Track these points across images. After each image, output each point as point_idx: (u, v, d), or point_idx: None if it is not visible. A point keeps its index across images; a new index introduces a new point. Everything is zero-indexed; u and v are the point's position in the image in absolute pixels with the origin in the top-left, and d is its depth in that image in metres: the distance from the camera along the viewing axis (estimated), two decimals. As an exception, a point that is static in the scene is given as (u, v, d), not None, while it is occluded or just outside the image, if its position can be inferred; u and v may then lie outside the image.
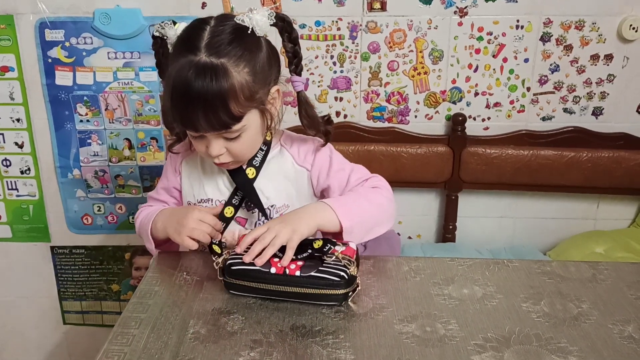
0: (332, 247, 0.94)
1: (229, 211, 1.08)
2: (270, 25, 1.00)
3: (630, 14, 1.62)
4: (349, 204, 1.03)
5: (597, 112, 1.73)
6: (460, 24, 1.65)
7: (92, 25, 1.65)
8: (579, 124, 1.72)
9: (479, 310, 0.89)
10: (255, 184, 1.09)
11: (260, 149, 1.09)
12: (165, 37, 1.02)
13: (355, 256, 0.95)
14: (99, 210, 1.85)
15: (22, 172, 1.82)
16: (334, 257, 0.92)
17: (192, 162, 1.15)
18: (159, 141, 1.76)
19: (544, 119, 1.74)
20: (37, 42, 1.67)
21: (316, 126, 1.08)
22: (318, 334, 0.83)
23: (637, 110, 1.73)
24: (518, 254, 1.73)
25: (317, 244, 0.94)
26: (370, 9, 1.64)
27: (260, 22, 0.97)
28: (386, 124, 1.75)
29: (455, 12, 1.64)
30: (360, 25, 1.66)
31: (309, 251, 0.93)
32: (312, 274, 0.89)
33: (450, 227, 1.80)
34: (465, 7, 1.63)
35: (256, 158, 1.09)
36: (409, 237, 1.88)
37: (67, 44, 1.67)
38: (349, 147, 1.69)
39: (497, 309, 0.90)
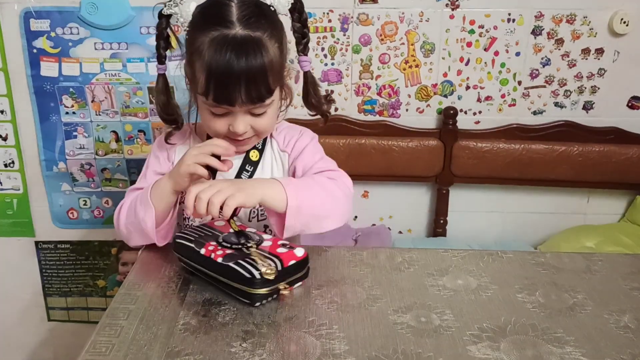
0: (265, 242, 0.90)
1: (254, 155, 1.08)
2: (289, 5, 1.00)
3: (621, 8, 1.62)
4: (300, 185, 0.99)
5: (587, 107, 1.73)
6: (451, 16, 1.64)
7: (79, 15, 1.61)
8: (569, 118, 1.73)
9: (473, 301, 0.88)
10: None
11: None
12: (174, 15, 0.99)
13: (296, 263, 0.88)
14: (84, 205, 1.82)
15: (5, 165, 1.78)
16: (264, 253, 0.87)
17: (184, 150, 1.13)
18: (147, 134, 1.73)
19: (535, 113, 1.74)
20: (22, 32, 1.63)
21: (320, 106, 1.09)
22: (311, 325, 0.81)
23: (627, 105, 1.73)
24: (509, 248, 1.69)
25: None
26: (362, 1, 1.62)
27: (282, 1, 0.98)
28: (377, 117, 1.74)
29: (447, 5, 1.63)
30: (352, 17, 1.64)
31: (248, 244, 0.89)
32: (230, 264, 0.85)
33: (441, 221, 1.79)
34: (457, 0, 1.62)
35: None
36: (400, 232, 1.87)
37: (52, 34, 1.63)
38: (339, 141, 1.67)
39: (492, 299, 0.89)
